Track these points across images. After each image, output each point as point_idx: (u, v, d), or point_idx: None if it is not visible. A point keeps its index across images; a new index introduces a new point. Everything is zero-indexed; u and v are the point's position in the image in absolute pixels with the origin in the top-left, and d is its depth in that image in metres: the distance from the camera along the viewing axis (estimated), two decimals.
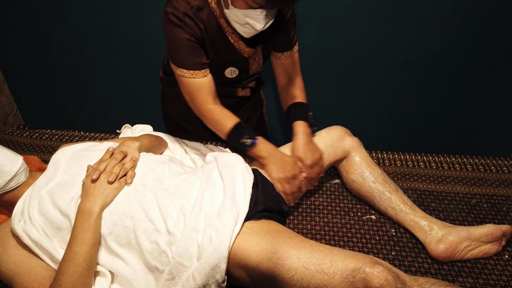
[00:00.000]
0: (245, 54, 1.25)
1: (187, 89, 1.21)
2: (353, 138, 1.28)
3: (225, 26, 1.17)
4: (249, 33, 1.14)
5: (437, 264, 1.10)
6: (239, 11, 1.05)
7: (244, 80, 1.37)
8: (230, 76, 1.30)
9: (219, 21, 1.16)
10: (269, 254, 0.91)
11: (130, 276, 0.97)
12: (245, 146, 1.17)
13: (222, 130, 1.21)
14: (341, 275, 0.87)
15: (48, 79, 2.12)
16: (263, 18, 1.06)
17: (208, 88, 1.21)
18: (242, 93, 1.43)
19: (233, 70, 1.28)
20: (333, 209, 1.28)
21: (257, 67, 1.34)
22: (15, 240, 0.97)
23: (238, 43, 1.21)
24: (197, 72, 1.18)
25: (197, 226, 0.95)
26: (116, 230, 0.96)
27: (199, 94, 1.21)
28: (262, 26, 1.08)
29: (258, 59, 1.31)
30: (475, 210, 1.26)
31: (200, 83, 1.19)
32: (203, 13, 1.14)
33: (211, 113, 1.22)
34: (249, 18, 1.06)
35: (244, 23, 1.09)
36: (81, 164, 1.06)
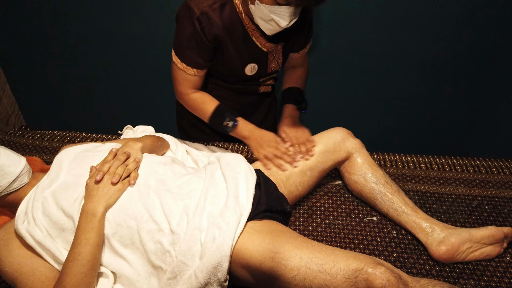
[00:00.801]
0: (265, 49, 1.27)
1: (175, 75, 1.29)
2: (355, 140, 1.28)
3: (247, 23, 1.20)
4: (272, 30, 1.16)
5: (438, 266, 1.10)
6: (266, 7, 1.07)
7: (262, 77, 1.39)
8: (250, 74, 1.33)
9: (241, 18, 1.19)
10: (272, 253, 0.92)
11: (133, 277, 0.97)
12: (227, 129, 1.27)
13: (204, 115, 1.31)
14: (343, 275, 0.88)
15: (49, 80, 2.13)
16: (288, 15, 1.07)
17: (193, 84, 1.29)
18: (263, 89, 1.46)
19: (253, 66, 1.31)
20: (334, 210, 1.28)
21: (276, 65, 1.36)
22: (19, 241, 0.97)
23: (258, 38, 1.24)
24: (189, 69, 1.24)
25: (200, 226, 0.95)
26: (120, 231, 0.96)
27: (183, 84, 1.29)
28: (287, 23, 1.09)
29: (277, 57, 1.33)
30: (476, 212, 1.26)
31: (188, 77, 1.27)
32: (225, 9, 1.16)
33: (191, 100, 1.31)
34: (275, 15, 1.08)
35: (269, 19, 1.10)
36: (84, 165, 1.07)
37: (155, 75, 2.01)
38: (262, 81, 1.41)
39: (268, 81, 1.43)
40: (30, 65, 2.08)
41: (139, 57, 1.94)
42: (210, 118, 1.29)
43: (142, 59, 1.95)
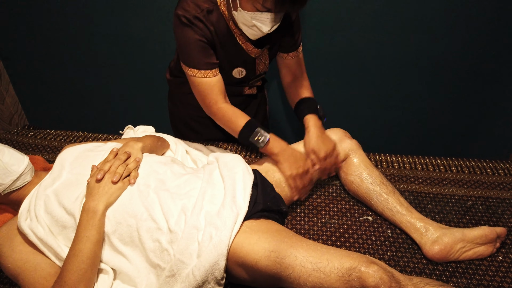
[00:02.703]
0: (252, 54, 1.29)
1: (198, 89, 1.25)
2: (352, 140, 1.30)
3: (234, 28, 1.22)
4: (256, 35, 1.18)
5: (431, 264, 1.12)
6: (247, 14, 1.09)
7: (251, 80, 1.41)
8: (238, 76, 1.35)
9: (228, 23, 1.21)
10: (267, 252, 0.94)
11: (132, 273, 0.99)
12: (258, 144, 1.22)
13: (234, 129, 1.26)
14: (337, 273, 0.90)
15: (52, 80, 2.15)
16: (269, 21, 1.10)
17: (219, 87, 1.25)
18: (249, 92, 1.47)
19: (241, 70, 1.33)
20: (330, 210, 1.30)
21: (264, 67, 1.39)
22: (22, 238, 1.00)
23: (245, 44, 1.26)
24: (208, 72, 1.22)
25: (198, 225, 0.98)
26: (120, 229, 0.99)
27: (210, 93, 1.25)
28: (269, 29, 1.12)
29: (264, 60, 1.36)
30: (470, 212, 1.28)
31: (211, 82, 1.23)
32: (212, 15, 1.18)
33: (222, 112, 1.26)
34: (256, 21, 1.10)
35: (251, 25, 1.13)
36: (85, 164, 1.09)
37: (156, 75, 2.02)
38: (251, 83, 1.43)
39: (256, 82, 1.45)
40: (33, 65, 2.10)
41: (141, 57, 1.96)
42: (240, 131, 1.24)
43: (144, 59, 1.97)
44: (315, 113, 1.29)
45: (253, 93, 1.49)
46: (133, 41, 1.90)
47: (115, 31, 1.87)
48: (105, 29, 1.88)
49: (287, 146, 1.24)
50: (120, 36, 1.89)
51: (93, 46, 1.96)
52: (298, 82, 1.40)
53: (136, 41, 1.89)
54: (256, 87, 1.50)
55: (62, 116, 2.32)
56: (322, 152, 1.22)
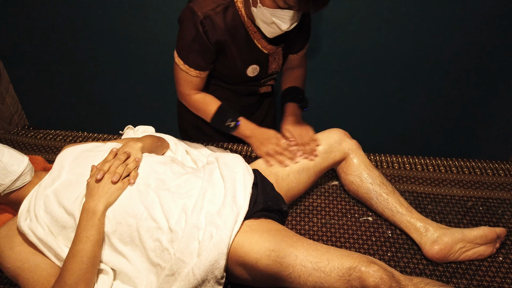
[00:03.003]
0: (266, 51, 1.29)
1: (177, 77, 1.31)
2: (351, 141, 1.30)
3: (249, 25, 1.21)
4: (273, 33, 1.17)
5: (432, 265, 1.12)
6: (267, 10, 1.08)
7: (263, 79, 1.41)
8: (252, 75, 1.34)
9: (243, 20, 1.20)
10: (268, 251, 0.94)
11: (132, 273, 0.99)
12: (229, 129, 1.29)
13: (206, 115, 1.33)
14: (337, 273, 0.90)
15: (52, 80, 2.15)
16: (289, 19, 1.09)
17: (195, 85, 1.30)
18: (264, 90, 1.47)
19: (255, 67, 1.33)
20: (331, 210, 1.30)
21: (276, 67, 1.38)
22: (21, 238, 1.00)
23: (260, 41, 1.26)
24: (192, 70, 1.26)
25: (198, 224, 0.98)
26: (120, 229, 0.99)
27: (186, 85, 1.30)
28: (287, 26, 1.11)
29: (278, 59, 1.35)
30: (470, 212, 1.28)
31: (190, 78, 1.28)
32: (228, 12, 1.18)
33: (194, 101, 1.33)
34: (276, 18, 1.09)
35: (270, 22, 1.12)
36: (85, 164, 1.09)
37: (156, 75, 2.02)
38: (262, 82, 1.42)
39: (269, 81, 1.45)
40: (33, 65, 2.10)
41: (141, 57, 1.96)
42: (212, 118, 1.31)
43: (144, 60, 1.96)
44: (296, 102, 1.36)
45: (268, 91, 1.50)
46: (133, 41, 1.90)
47: (115, 31, 1.87)
48: (105, 29, 1.88)
49: (257, 127, 1.30)
50: (120, 35, 1.89)
51: (94, 46, 1.96)
52: (293, 72, 1.45)
53: (136, 41, 1.89)
54: (271, 86, 1.50)
55: (62, 116, 2.32)
56: (296, 129, 1.28)
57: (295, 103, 1.38)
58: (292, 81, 1.44)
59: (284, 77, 1.48)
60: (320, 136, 1.30)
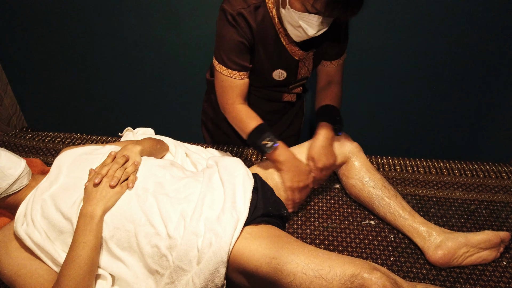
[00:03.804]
0: (296, 56, 1.25)
1: (220, 84, 1.24)
2: (353, 143, 1.29)
3: (279, 27, 1.18)
4: (300, 37, 1.14)
5: (435, 270, 1.10)
6: (295, 13, 1.05)
7: (292, 84, 1.36)
8: (278, 79, 1.31)
9: (273, 21, 1.17)
10: (268, 259, 0.92)
11: (131, 279, 0.98)
12: (265, 148, 1.18)
13: (244, 129, 1.23)
14: (339, 280, 0.88)
15: (51, 82, 2.14)
16: (317, 24, 1.06)
17: (241, 90, 1.24)
18: (288, 98, 1.43)
19: (281, 72, 1.28)
20: (332, 213, 1.28)
21: (306, 72, 1.34)
22: (18, 243, 0.98)
23: (290, 45, 1.22)
24: (235, 73, 1.20)
25: (197, 231, 0.96)
26: (118, 234, 0.97)
27: (230, 92, 1.23)
28: (314, 32, 1.08)
29: (308, 64, 1.31)
30: (473, 216, 1.27)
31: (235, 83, 1.22)
32: (258, 12, 1.15)
33: (237, 111, 1.25)
34: (303, 22, 1.06)
35: (297, 26, 1.09)
36: (83, 167, 1.08)
37: (156, 77, 2.01)
38: (291, 88, 1.37)
39: (297, 88, 1.40)
40: (32, 66, 2.09)
41: (140, 59, 1.95)
42: (250, 132, 1.21)
43: (143, 61, 1.95)
44: (331, 123, 1.26)
45: (292, 100, 1.45)
46: (133, 43, 1.89)
47: (114, 33, 1.86)
48: (105, 30, 1.86)
49: (294, 157, 1.20)
50: (119, 37, 1.88)
51: (93, 47, 1.94)
52: (330, 89, 1.36)
53: (136, 42, 1.88)
54: (295, 95, 1.44)
55: (61, 117, 2.31)
56: (320, 162, 1.20)
57: (331, 123, 1.27)
58: (330, 99, 1.33)
59: (321, 94, 1.37)
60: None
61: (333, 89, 1.36)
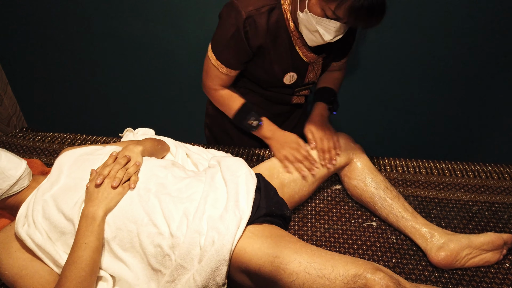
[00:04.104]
0: (307, 59, 1.24)
1: (207, 70, 1.28)
2: (355, 145, 1.29)
3: (293, 30, 1.17)
4: (315, 42, 1.13)
5: (437, 272, 1.10)
6: (313, 17, 1.04)
7: (299, 87, 1.36)
8: (289, 83, 1.31)
9: (287, 24, 1.16)
10: (271, 258, 0.92)
11: (132, 280, 0.97)
12: (251, 127, 1.27)
13: (228, 111, 1.31)
14: (342, 280, 0.88)
15: (51, 82, 2.13)
16: (334, 30, 1.05)
17: (223, 81, 1.28)
18: (297, 100, 1.44)
19: (292, 75, 1.28)
20: (334, 215, 1.28)
21: (314, 76, 1.34)
22: (19, 244, 0.97)
23: (301, 48, 1.22)
24: (223, 67, 1.23)
25: (200, 229, 0.96)
26: (120, 235, 0.96)
27: (214, 80, 1.28)
28: (331, 38, 1.07)
29: (316, 69, 1.31)
30: (476, 217, 1.26)
31: (220, 75, 1.25)
32: (273, 14, 1.13)
33: (219, 96, 1.31)
34: (321, 27, 1.05)
35: (313, 30, 1.08)
36: (84, 168, 1.07)
37: (156, 77, 2.01)
38: (297, 91, 1.38)
39: (303, 91, 1.40)
40: (32, 66, 2.08)
41: (141, 59, 1.94)
42: (234, 114, 1.28)
43: (144, 61, 1.95)
44: (326, 102, 1.32)
45: (301, 102, 1.46)
46: (133, 42, 1.88)
47: (115, 33, 1.86)
48: (105, 30, 1.86)
49: (279, 129, 1.28)
50: (120, 37, 1.87)
51: (93, 47, 1.94)
52: (331, 73, 1.41)
53: (137, 42, 1.88)
54: (304, 97, 1.45)
55: (61, 117, 2.31)
56: (319, 132, 1.24)
57: (325, 103, 1.34)
58: (328, 82, 1.39)
59: (321, 78, 1.43)
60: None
61: (334, 74, 1.41)
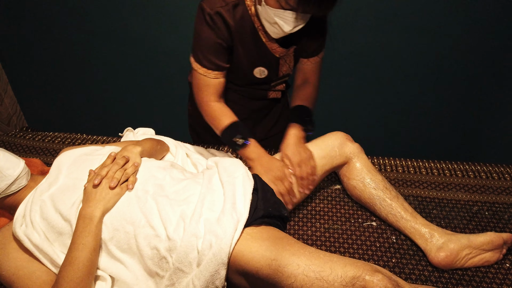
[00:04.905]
0: (277, 54, 1.25)
1: (196, 82, 1.26)
2: (354, 144, 1.28)
3: (258, 25, 1.18)
4: (277, 34, 1.14)
5: (437, 272, 1.09)
6: (270, 10, 1.05)
7: (274, 81, 1.36)
8: (259, 76, 1.30)
9: (252, 19, 1.17)
10: (269, 260, 0.91)
11: (131, 281, 0.97)
12: (236, 145, 1.21)
13: (218, 126, 1.25)
14: (341, 282, 0.87)
15: (51, 81, 2.13)
16: (292, 20, 1.06)
17: (215, 89, 1.25)
18: (273, 95, 1.43)
19: (262, 70, 1.28)
20: (333, 215, 1.28)
21: (288, 69, 1.34)
22: (16, 244, 0.97)
23: (270, 43, 1.21)
24: (210, 72, 1.21)
25: (197, 232, 0.95)
26: (117, 236, 0.96)
27: (205, 90, 1.25)
28: (290, 28, 1.08)
29: (289, 61, 1.31)
30: (476, 217, 1.26)
31: (210, 82, 1.23)
32: (237, 10, 1.14)
33: (211, 109, 1.26)
34: (279, 18, 1.06)
35: (272, 22, 1.09)
36: (83, 168, 1.07)
37: (156, 77, 2.01)
38: (273, 85, 1.37)
39: (279, 85, 1.40)
40: (32, 66, 2.08)
41: (141, 59, 1.94)
42: (223, 130, 1.23)
43: (144, 62, 1.95)
44: (300, 123, 1.26)
45: (277, 97, 1.45)
46: (134, 42, 1.88)
47: (115, 32, 1.86)
48: (105, 30, 1.86)
49: (265, 153, 1.22)
50: (120, 37, 1.87)
51: (93, 47, 1.94)
52: (304, 88, 1.36)
53: (137, 42, 1.88)
54: (280, 92, 1.44)
55: (61, 117, 2.31)
56: (295, 157, 1.19)
57: (300, 124, 1.27)
58: (302, 99, 1.34)
59: (295, 93, 1.38)
60: (321, 139, 1.27)
61: (307, 89, 1.36)
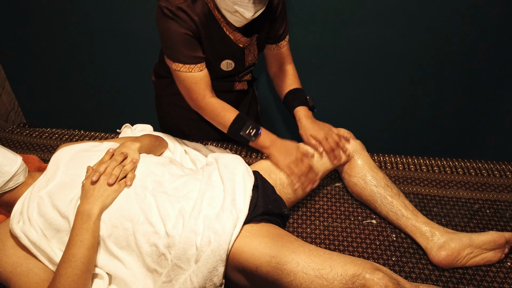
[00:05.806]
0: (241, 44, 1.24)
1: (184, 84, 1.21)
2: (355, 141, 1.27)
3: (219, 18, 1.17)
4: (240, 22, 1.14)
5: (438, 270, 1.09)
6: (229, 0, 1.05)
7: (241, 72, 1.36)
8: (226, 69, 1.30)
9: (213, 13, 1.16)
10: (268, 258, 0.91)
11: (128, 278, 0.96)
12: (250, 137, 1.20)
13: (223, 123, 1.23)
14: (341, 281, 0.86)
15: (49, 77, 2.12)
16: (251, 6, 1.06)
17: (205, 82, 1.22)
18: (239, 87, 1.43)
19: (229, 62, 1.28)
20: (333, 212, 1.27)
21: (253, 58, 1.34)
22: (14, 241, 0.96)
23: (233, 33, 1.21)
24: (193, 66, 1.18)
25: (196, 229, 0.94)
26: (116, 233, 0.95)
27: (196, 88, 1.21)
28: (252, 14, 1.08)
29: (253, 50, 1.31)
30: (477, 215, 1.25)
31: (197, 77, 1.20)
32: (196, 5, 1.13)
33: (211, 106, 1.23)
34: (238, 6, 1.06)
35: (233, 11, 1.09)
36: (81, 164, 1.06)
37: None
38: (240, 76, 1.38)
39: (245, 76, 1.40)
40: (30, 62, 2.07)
41: (139, 55, 1.93)
42: (231, 125, 1.21)
43: (142, 57, 1.93)
44: (305, 105, 1.30)
45: (244, 88, 1.45)
46: (131, 37, 1.87)
47: (113, 28, 1.84)
48: (103, 26, 1.85)
49: (277, 138, 1.23)
50: (117, 33, 1.86)
51: (91, 42, 1.93)
52: (285, 72, 1.38)
53: (135, 38, 1.86)
54: (246, 82, 1.45)
55: (60, 113, 2.30)
56: (321, 133, 1.22)
57: (304, 105, 1.30)
58: (291, 83, 1.36)
59: (279, 80, 1.39)
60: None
61: (289, 71, 1.38)
